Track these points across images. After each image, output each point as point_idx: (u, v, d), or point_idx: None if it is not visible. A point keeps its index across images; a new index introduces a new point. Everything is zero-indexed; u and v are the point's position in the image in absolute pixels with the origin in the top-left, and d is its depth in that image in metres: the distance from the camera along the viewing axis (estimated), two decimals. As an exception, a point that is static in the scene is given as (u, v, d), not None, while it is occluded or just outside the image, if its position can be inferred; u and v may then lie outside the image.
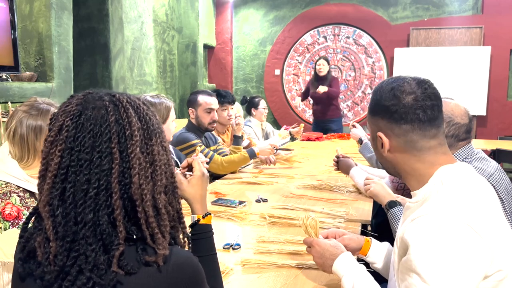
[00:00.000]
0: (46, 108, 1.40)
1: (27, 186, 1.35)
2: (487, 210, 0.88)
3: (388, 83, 0.99)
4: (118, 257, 0.68)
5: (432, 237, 0.82)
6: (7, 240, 1.22)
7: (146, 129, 0.76)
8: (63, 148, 0.71)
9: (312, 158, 3.30)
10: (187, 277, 0.73)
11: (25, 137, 1.35)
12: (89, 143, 0.71)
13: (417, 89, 0.96)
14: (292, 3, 6.80)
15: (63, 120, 0.72)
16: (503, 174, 1.52)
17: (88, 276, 0.67)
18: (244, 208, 1.92)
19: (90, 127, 0.71)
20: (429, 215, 0.85)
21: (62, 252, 0.68)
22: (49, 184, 0.70)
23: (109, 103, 0.74)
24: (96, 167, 0.70)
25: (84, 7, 4.10)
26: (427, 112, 0.95)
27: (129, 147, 0.72)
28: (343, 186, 2.25)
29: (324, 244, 1.18)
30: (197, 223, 1.02)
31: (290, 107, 6.98)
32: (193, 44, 6.04)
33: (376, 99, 1.01)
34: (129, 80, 4.75)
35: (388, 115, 0.97)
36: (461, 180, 0.92)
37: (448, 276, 0.80)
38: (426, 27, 6.21)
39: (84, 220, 0.68)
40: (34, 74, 3.06)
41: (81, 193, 0.69)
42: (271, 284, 1.22)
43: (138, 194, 0.71)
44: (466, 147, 1.53)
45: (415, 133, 0.95)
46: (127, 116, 0.74)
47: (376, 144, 1.03)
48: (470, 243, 0.81)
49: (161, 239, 0.71)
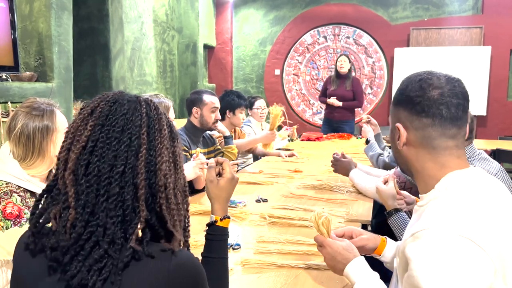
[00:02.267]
0: (49, 108, 1.42)
1: (27, 186, 1.36)
2: (494, 219, 0.84)
3: (418, 75, 0.96)
4: (137, 234, 0.70)
5: (434, 254, 0.80)
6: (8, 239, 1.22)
7: (171, 131, 0.81)
8: (94, 123, 0.74)
9: (312, 158, 3.30)
10: (188, 277, 0.73)
11: (32, 138, 1.36)
12: (121, 124, 0.74)
13: (445, 84, 0.93)
14: (292, 3, 6.80)
15: (99, 103, 0.77)
16: (505, 175, 1.52)
17: (105, 249, 0.68)
18: (244, 208, 1.92)
19: (123, 111, 0.75)
20: (429, 229, 0.82)
21: (81, 221, 0.69)
22: (76, 154, 0.72)
23: (143, 100, 0.79)
24: (125, 146, 0.73)
25: (84, 7, 4.10)
26: (450, 110, 0.91)
27: (157, 138, 0.76)
28: (343, 186, 2.25)
29: (337, 246, 1.12)
30: (214, 224, 1.03)
31: (290, 107, 6.98)
32: (193, 44, 6.04)
33: (402, 88, 0.98)
34: (129, 80, 4.75)
35: (411, 106, 0.94)
36: (466, 189, 0.89)
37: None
38: (426, 27, 6.21)
39: (108, 193, 0.70)
40: (34, 74, 3.06)
41: (108, 167, 0.71)
42: (271, 284, 1.22)
43: (163, 181, 0.74)
44: (468, 147, 1.53)
45: (435, 129, 0.92)
46: (157, 113, 0.79)
47: (393, 135, 1.00)
48: (472, 258, 0.78)
49: (178, 225, 0.75)
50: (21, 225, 1.29)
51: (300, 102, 6.97)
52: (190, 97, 2.71)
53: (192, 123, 2.67)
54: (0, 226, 1.27)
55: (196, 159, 2.15)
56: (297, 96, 6.97)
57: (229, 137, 2.90)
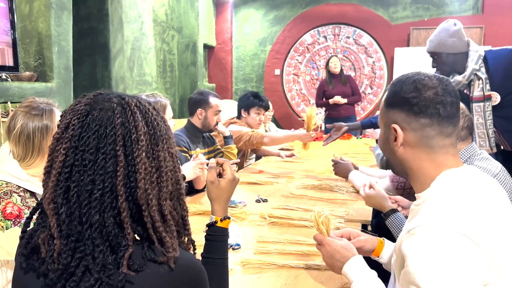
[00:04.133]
0: (48, 108, 1.42)
1: (27, 186, 1.36)
2: (488, 216, 0.85)
3: (409, 77, 0.98)
4: (127, 258, 0.68)
5: (429, 249, 0.81)
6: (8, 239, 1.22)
7: (153, 134, 0.75)
8: (68, 146, 0.71)
9: (312, 158, 3.30)
10: (189, 279, 0.73)
11: (32, 137, 1.37)
12: (94, 143, 0.70)
13: (438, 84, 0.95)
14: (292, 3, 6.79)
15: (70, 118, 0.73)
16: (506, 174, 1.51)
17: (96, 278, 0.66)
18: (244, 208, 1.92)
19: (95, 128, 0.71)
20: (424, 226, 0.84)
21: (67, 251, 0.68)
22: (54, 182, 0.70)
23: (117, 106, 0.74)
24: (100, 169, 0.69)
25: (84, 7, 4.10)
26: (447, 108, 0.94)
27: (134, 151, 0.71)
28: (343, 186, 2.25)
29: (335, 244, 1.14)
30: (214, 225, 1.02)
31: (290, 107, 6.98)
32: (193, 44, 6.04)
33: (395, 90, 0.99)
34: (129, 80, 4.74)
35: (408, 107, 0.95)
36: (460, 186, 0.90)
37: (447, 285, 0.79)
38: (426, 27, 6.21)
39: (90, 221, 0.68)
40: (34, 74, 3.05)
41: (86, 193, 0.69)
42: (271, 284, 1.22)
43: (144, 199, 0.71)
44: (469, 147, 1.52)
45: (433, 128, 0.94)
46: (134, 120, 0.73)
47: (387, 138, 1.01)
48: (467, 253, 0.80)
49: (169, 242, 0.72)
50: (21, 225, 1.29)
51: (300, 102, 6.97)
52: (195, 98, 2.68)
53: (192, 123, 2.66)
54: (0, 226, 1.27)
55: (196, 159, 2.15)
56: (297, 96, 6.97)
57: (229, 137, 2.89)
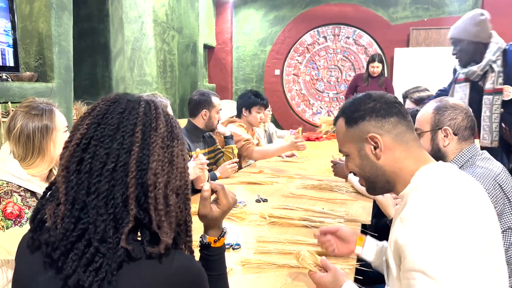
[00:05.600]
0: (48, 108, 1.42)
1: (28, 185, 1.36)
2: (472, 206, 0.90)
3: (357, 96, 1.09)
4: (127, 233, 0.69)
5: (427, 233, 0.84)
6: (9, 239, 1.22)
7: (171, 132, 0.79)
8: (91, 122, 0.75)
9: (312, 158, 3.31)
10: (188, 280, 0.73)
11: (32, 137, 1.37)
12: (116, 122, 0.74)
13: (384, 93, 1.07)
14: (292, 3, 6.80)
15: (99, 102, 0.78)
16: (507, 174, 1.52)
17: (95, 246, 0.67)
18: (244, 208, 1.92)
19: (119, 110, 0.76)
20: (416, 213, 0.88)
21: (70, 217, 0.70)
22: (70, 151, 0.73)
23: (143, 101, 0.80)
24: (117, 144, 0.73)
25: (84, 7, 4.10)
26: (402, 106, 1.05)
27: (151, 137, 0.75)
28: (343, 186, 2.26)
29: (323, 281, 1.13)
30: (210, 246, 0.94)
31: (290, 107, 6.98)
32: (193, 44, 6.04)
33: (354, 107, 1.06)
34: (129, 80, 4.75)
35: (375, 113, 1.02)
36: (440, 175, 0.96)
37: (452, 265, 0.80)
38: (426, 27, 6.21)
39: (98, 190, 0.70)
40: (34, 74, 3.06)
41: (99, 164, 0.71)
42: (271, 284, 1.22)
43: (152, 180, 0.73)
44: (470, 147, 1.53)
45: (402, 124, 1.02)
46: (156, 113, 0.78)
47: (364, 154, 1.04)
48: (464, 227, 0.84)
49: (166, 227, 0.72)
50: (22, 225, 1.29)
51: (300, 102, 6.97)
52: (197, 99, 2.67)
53: (193, 124, 2.66)
54: (1, 226, 1.27)
55: (196, 159, 2.16)
56: (297, 96, 6.97)
57: (230, 137, 2.90)
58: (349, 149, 1.08)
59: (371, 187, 1.09)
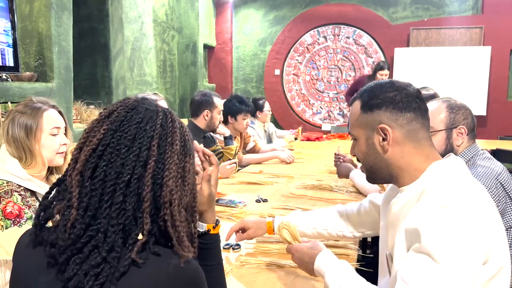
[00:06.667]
0: (38, 106, 1.40)
1: (28, 185, 1.36)
2: (485, 202, 0.92)
3: (381, 82, 1.05)
4: (139, 246, 0.69)
5: (444, 223, 0.85)
6: (8, 239, 1.22)
7: (184, 146, 0.79)
8: (108, 128, 0.74)
9: (312, 158, 3.30)
10: (188, 280, 0.73)
11: (16, 135, 1.36)
12: (133, 132, 0.74)
13: (408, 85, 1.03)
14: (292, 3, 6.80)
15: (117, 107, 0.77)
16: (508, 175, 1.52)
17: (103, 256, 0.68)
18: (244, 208, 1.92)
19: (137, 120, 0.76)
20: (439, 203, 0.88)
21: (81, 223, 0.70)
22: (86, 155, 0.73)
23: (161, 111, 0.79)
24: (134, 156, 0.73)
25: (84, 7, 4.10)
26: (423, 102, 1.02)
27: (167, 152, 0.75)
28: (343, 186, 2.25)
29: (301, 248, 1.14)
30: (208, 233, 0.96)
31: (290, 107, 6.98)
32: (193, 44, 6.04)
33: (374, 94, 1.02)
34: (129, 80, 4.75)
35: (393, 105, 0.99)
36: (455, 173, 0.96)
37: (458, 255, 0.82)
38: (426, 27, 6.21)
39: (112, 200, 0.70)
40: (34, 74, 3.05)
41: (114, 174, 0.71)
42: (271, 284, 1.22)
43: (168, 198, 0.73)
44: (471, 146, 1.53)
45: (418, 121, 1.00)
46: (173, 126, 0.78)
47: (371, 143, 1.03)
48: (476, 228, 0.85)
49: (186, 242, 0.73)
50: (20, 225, 1.29)
51: (300, 102, 6.97)
52: (199, 99, 2.67)
53: (195, 124, 2.67)
54: (0, 225, 1.27)
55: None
56: (297, 96, 6.97)
57: (229, 138, 2.90)
58: (358, 134, 1.06)
59: (371, 177, 1.09)
